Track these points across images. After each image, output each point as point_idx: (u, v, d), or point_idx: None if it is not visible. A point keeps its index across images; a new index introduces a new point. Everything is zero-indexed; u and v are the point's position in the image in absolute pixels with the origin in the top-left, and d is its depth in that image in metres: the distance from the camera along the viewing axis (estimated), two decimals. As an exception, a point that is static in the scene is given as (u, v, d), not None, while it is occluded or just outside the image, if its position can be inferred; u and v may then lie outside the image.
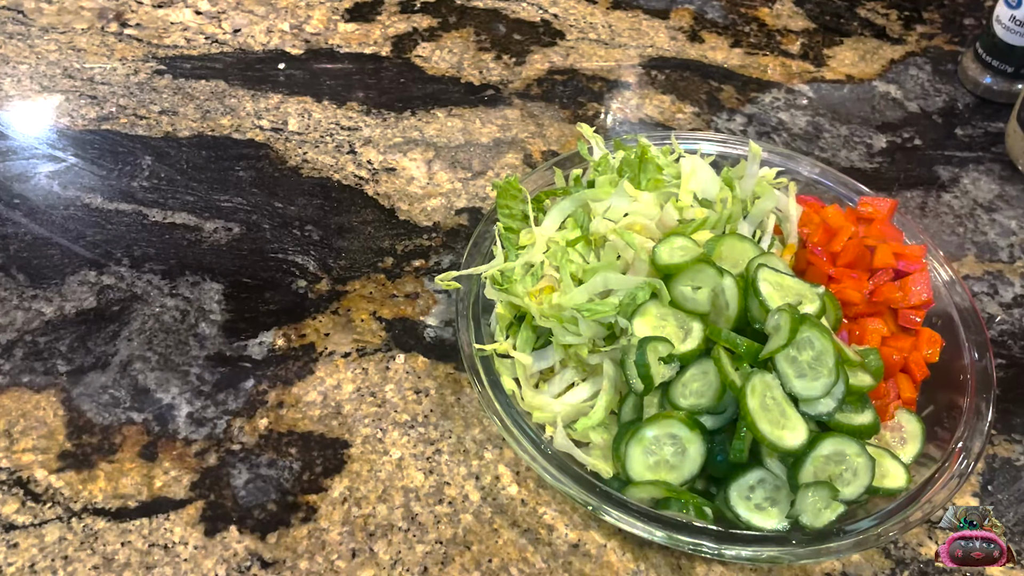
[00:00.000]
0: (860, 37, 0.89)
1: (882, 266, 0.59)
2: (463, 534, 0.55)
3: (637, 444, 0.50)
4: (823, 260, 0.59)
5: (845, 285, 0.58)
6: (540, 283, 0.56)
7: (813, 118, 0.81)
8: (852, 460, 0.50)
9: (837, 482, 0.49)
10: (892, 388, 0.56)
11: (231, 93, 0.81)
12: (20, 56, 0.83)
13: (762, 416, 0.48)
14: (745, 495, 0.50)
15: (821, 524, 0.49)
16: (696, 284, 0.53)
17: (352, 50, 0.85)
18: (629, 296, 0.53)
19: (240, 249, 0.69)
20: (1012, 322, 0.67)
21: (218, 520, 0.55)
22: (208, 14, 0.89)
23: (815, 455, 0.49)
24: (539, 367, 0.57)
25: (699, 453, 0.50)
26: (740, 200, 0.60)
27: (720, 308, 0.53)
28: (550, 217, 0.60)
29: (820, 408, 0.50)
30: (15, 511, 0.55)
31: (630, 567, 0.54)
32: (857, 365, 0.52)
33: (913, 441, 0.55)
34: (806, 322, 0.50)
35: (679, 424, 0.50)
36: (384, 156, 0.76)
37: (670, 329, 0.52)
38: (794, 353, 0.50)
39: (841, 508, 0.50)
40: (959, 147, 0.79)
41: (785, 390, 0.50)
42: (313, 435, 0.59)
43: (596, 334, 0.54)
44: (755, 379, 0.49)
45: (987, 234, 0.73)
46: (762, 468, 0.50)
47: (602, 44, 0.87)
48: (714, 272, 0.52)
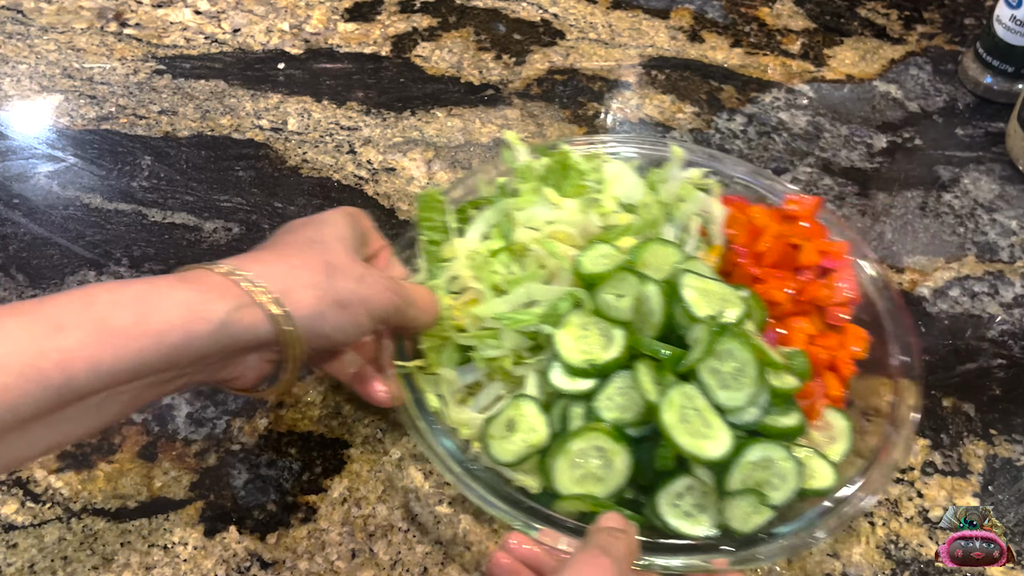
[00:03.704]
0: (860, 37, 0.89)
1: (807, 264, 0.58)
2: (463, 535, 0.55)
3: (563, 458, 0.49)
4: (748, 261, 0.58)
5: (771, 285, 0.57)
6: (463, 296, 0.56)
7: (813, 118, 0.81)
8: (779, 465, 0.49)
9: (765, 487, 0.49)
10: (820, 387, 0.55)
11: (231, 93, 0.80)
12: (20, 56, 0.83)
13: (681, 429, 0.48)
14: (673, 503, 0.49)
15: (750, 529, 0.49)
16: (619, 292, 0.52)
17: (352, 50, 0.85)
18: (551, 306, 0.53)
19: (240, 249, 0.68)
20: (1012, 322, 0.67)
21: (218, 520, 0.55)
22: (208, 14, 0.88)
23: (742, 462, 0.48)
24: (465, 382, 0.55)
25: (625, 465, 0.49)
26: (664, 204, 0.59)
27: (645, 316, 0.52)
28: (473, 228, 0.59)
29: (745, 417, 0.49)
30: (15, 511, 0.55)
31: (630, 567, 0.54)
32: (782, 368, 0.51)
33: (841, 439, 0.54)
34: (726, 333, 0.49)
35: (604, 437, 0.49)
36: (384, 156, 0.76)
37: (593, 338, 0.52)
38: (716, 364, 0.49)
39: (770, 512, 0.49)
40: (959, 147, 0.79)
41: (709, 401, 0.49)
42: (313, 435, 0.59)
43: (519, 345, 0.54)
44: (673, 393, 0.48)
45: (987, 234, 0.73)
46: (690, 475, 0.50)
47: (602, 44, 0.87)
48: (637, 280, 0.52)
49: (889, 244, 0.71)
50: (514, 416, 0.51)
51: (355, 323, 0.47)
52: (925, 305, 0.68)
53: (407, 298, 0.50)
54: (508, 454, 0.51)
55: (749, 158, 0.77)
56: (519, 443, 0.51)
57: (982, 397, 0.63)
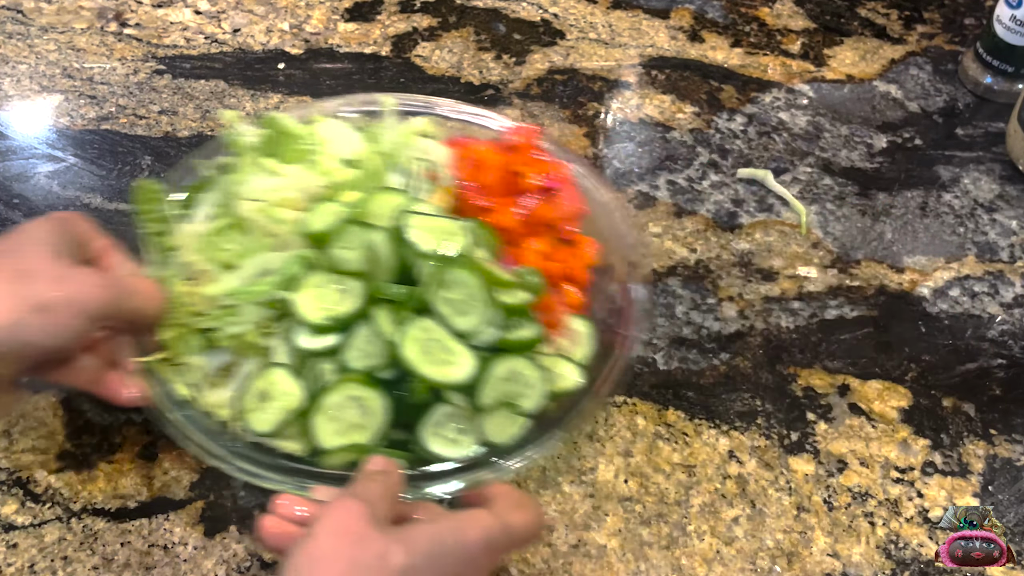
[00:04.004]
0: (860, 37, 0.89)
1: (532, 188, 0.61)
2: (463, 534, 0.55)
3: (320, 414, 0.50)
4: (476, 194, 0.60)
5: (500, 213, 0.59)
6: (197, 280, 0.55)
7: (813, 118, 0.81)
8: (525, 375, 0.52)
9: (516, 398, 0.52)
10: (559, 298, 0.58)
11: (231, 93, 0.80)
12: (19, 56, 0.83)
13: (424, 361, 0.50)
14: (435, 432, 0.51)
15: (510, 439, 0.52)
16: (348, 245, 0.53)
17: (352, 50, 0.85)
18: (284, 272, 0.54)
19: (240, 249, 0.69)
20: (1012, 322, 0.67)
21: (218, 520, 0.55)
22: (208, 14, 0.88)
23: (489, 380, 0.51)
24: (217, 365, 0.55)
25: (382, 408, 0.51)
26: (384, 154, 0.60)
27: (377, 263, 0.53)
28: (198, 211, 0.59)
29: (484, 337, 0.52)
30: (15, 511, 0.55)
31: (631, 567, 0.54)
32: (514, 286, 0.54)
33: (584, 342, 0.57)
34: (451, 263, 0.52)
35: (357, 386, 0.51)
36: (384, 156, 0.76)
37: (331, 295, 0.53)
38: (447, 294, 0.51)
39: (525, 421, 0.52)
40: (959, 147, 0.79)
41: (448, 329, 0.51)
42: (313, 435, 0.59)
43: (260, 317, 0.54)
44: (410, 329, 0.50)
45: (987, 234, 0.73)
46: (446, 403, 0.51)
47: (602, 44, 0.87)
48: (362, 230, 0.53)
49: (889, 244, 0.72)
50: (265, 386, 0.52)
51: (65, 325, 0.46)
52: (925, 305, 0.68)
53: (124, 290, 0.50)
54: (266, 424, 0.51)
55: (749, 158, 0.77)
56: (275, 411, 0.52)
57: (982, 397, 0.63)
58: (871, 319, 0.67)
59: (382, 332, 0.51)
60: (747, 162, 0.77)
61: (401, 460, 0.48)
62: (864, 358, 0.64)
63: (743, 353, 0.64)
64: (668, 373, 0.63)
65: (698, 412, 0.61)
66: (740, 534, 0.55)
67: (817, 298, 0.68)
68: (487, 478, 0.50)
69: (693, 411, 0.61)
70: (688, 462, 0.59)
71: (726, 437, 0.60)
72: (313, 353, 0.52)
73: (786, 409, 0.61)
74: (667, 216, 0.73)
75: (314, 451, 0.51)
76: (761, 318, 0.66)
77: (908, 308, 0.67)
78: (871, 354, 0.65)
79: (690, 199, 0.74)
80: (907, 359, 0.64)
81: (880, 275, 0.69)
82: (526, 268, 0.56)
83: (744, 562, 0.54)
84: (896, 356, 0.65)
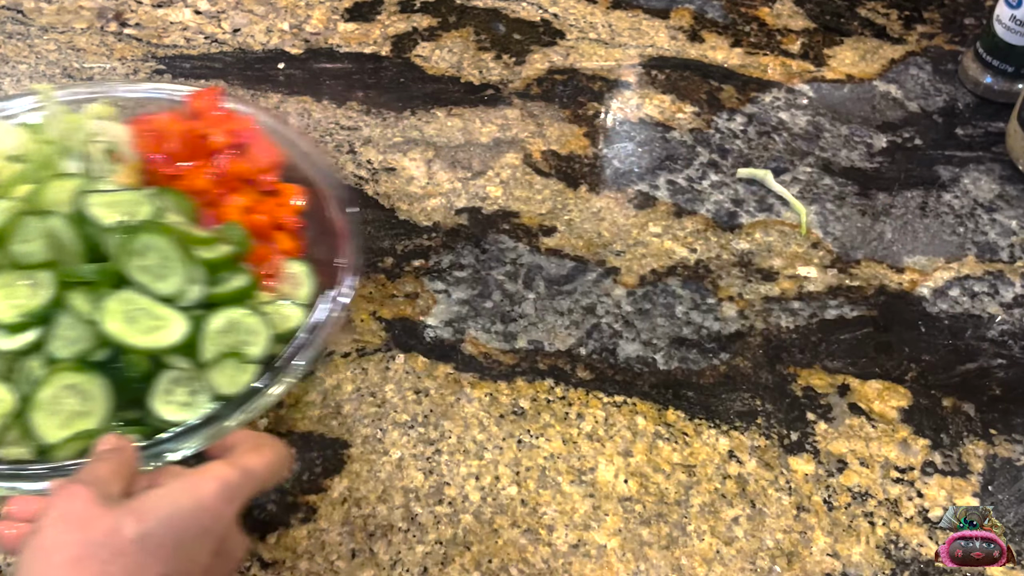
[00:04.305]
0: (860, 37, 0.89)
1: (220, 147, 0.63)
2: (463, 534, 0.55)
3: (37, 412, 0.49)
4: (163, 164, 0.61)
5: (191, 177, 0.61)
6: None
7: (813, 118, 0.81)
8: (245, 323, 0.53)
9: (242, 347, 0.52)
10: (272, 246, 0.60)
11: (231, 93, 0.80)
12: (20, 56, 0.83)
13: (131, 331, 0.50)
14: (166, 400, 0.51)
15: (243, 386, 0.52)
16: (27, 238, 0.53)
17: (352, 50, 0.85)
18: None
19: (240, 249, 0.69)
20: (1012, 322, 0.67)
21: (218, 520, 0.55)
22: (208, 14, 0.88)
23: (207, 334, 0.51)
24: None
25: (103, 389, 0.50)
26: (54, 143, 0.60)
27: (65, 248, 0.52)
28: None
29: (191, 296, 0.52)
30: (15, 511, 0.55)
31: (631, 567, 0.54)
32: (213, 241, 0.55)
33: (304, 282, 0.59)
34: (137, 231, 0.52)
35: (68, 374, 0.50)
36: (384, 156, 0.76)
37: (22, 290, 0.52)
38: (141, 262, 0.51)
39: (254, 367, 0.53)
40: (959, 147, 0.79)
41: (151, 296, 0.51)
42: (313, 435, 0.59)
43: None
44: (108, 303, 0.50)
45: (987, 234, 0.73)
46: (171, 368, 0.51)
47: (602, 44, 0.87)
48: (39, 219, 0.52)
49: (889, 244, 0.72)
50: None
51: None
52: (925, 305, 0.68)
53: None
54: None
55: (749, 158, 0.77)
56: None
57: (982, 397, 0.63)
58: (871, 319, 0.67)
59: (81, 314, 0.51)
60: (747, 162, 0.77)
61: (137, 435, 0.48)
62: (864, 358, 0.64)
63: (743, 353, 0.64)
64: (668, 373, 0.63)
65: (698, 412, 0.61)
66: (740, 534, 0.55)
67: (817, 298, 0.68)
68: (228, 428, 0.50)
69: (693, 411, 0.61)
70: (688, 462, 0.59)
71: (726, 437, 0.60)
72: (17, 353, 0.51)
73: (786, 409, 0.61)
74: (667, 216, 0.73)
75: (41, 450, 0.50)
76: (761, 318, 0.66)
77: (908, 308, 0.68)
78: (871, 354, 0.65)
79: (690, 199, 0.74)
80: (907, 359, 0.64)
81: (880, 275, 0.69)
82: (227, 224, 0.57)
83: (744, 562, 0.54)
84: (896, 356, 0.65)
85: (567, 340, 0.64)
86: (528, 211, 0.72)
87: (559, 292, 0.67)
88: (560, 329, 0.65)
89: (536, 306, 0.66)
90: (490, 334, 0.64)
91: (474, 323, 0.65)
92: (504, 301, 0.67)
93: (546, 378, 0.62)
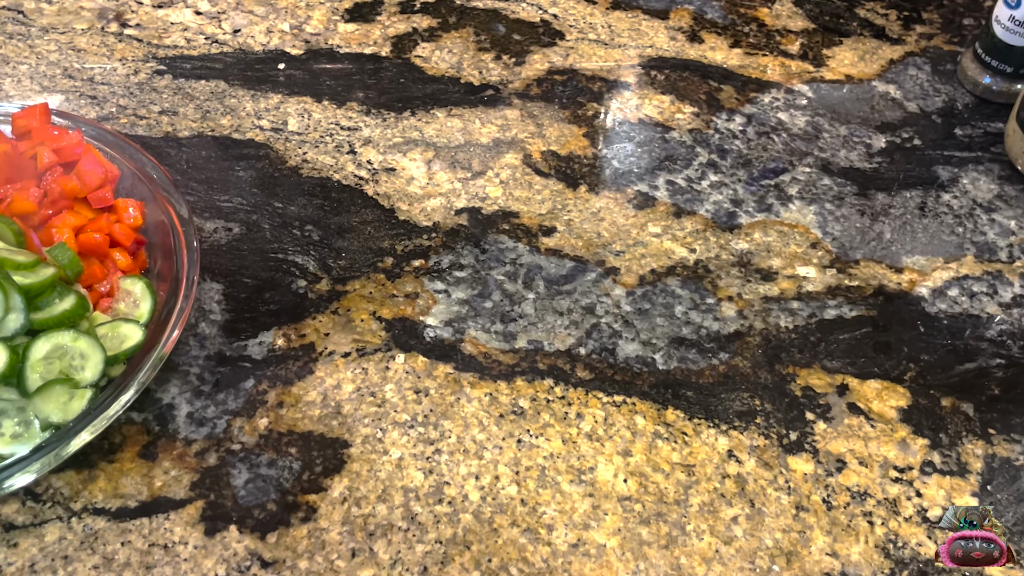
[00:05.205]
0: (859, 37, 0.89)
1: (49, 166, 0.62)
2: (463, 534, 0.55)
3: None
4: None
5: (16, 200, 0.60)
6: None
7: (813, 118, 0.81)
8: (74, 347, 0.51)
9: (73, 373, 0.50)
10: (110, 265, 0.59)
11: (231, 93, 0.81)
12: (20, 56, 0.83)
13: None
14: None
15: (76, 415, 0.50)
16: None
17: (352, 50, 0.86)
18: None
19: (240, 249, 0.69)
20: (1011, 322, 0.67)
21: (218, 520, 0.55)
22: (208, 14, 0.89)
23: (31, 363, 0.50)
24: None
25: None
26: None
27: None
28: None
29: (12, 325, 0.50)
30: (15, 511, 0.55)
31: (630, 566, 0.54)
32: (35, 265, 0.53)
33: (145, 299, 0.58)
34: None
35: None
36: (384, 156, 0.76)
37: None
38: None
39: (89, 392, 0.51)
40: (958, 147, 0.79)
41: None
42: (313, 435, 0.59)
43: None
44: None
45: (986, 234, 0.73)
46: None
47: (602, 44, 0.87)
48: None
49: (888, 244, 0.72)
50: None
51: None
52: (924, 305, 0.68)
53: None
54: None
55: (748, 158, 0.77)
56: None
57: (981, 397, 0.63)
58: (870, 319, 0.67)
59: None
60: (746, 162, 0.77)
61: None
62: (863, 358, 0.64)
63: (742, 353, 0.64)
64: (667, 373, 0.63)
65: (697, 412, 0.61)
66: (739, 533, 0.56)
67: (816, 298, 0.68)
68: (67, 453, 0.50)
69: (692, 411, 0.61)
70: (687, 462, 0.59)
71: (725, 437, 0.60)
72: None
73: (785, 409, 0.61)
74: (666, 216, 0.73)
75: None
76: (760, 318, 0.66)
77: (907, 308, 0.68)
78: (870, 354, 0.65)
79: (689, 199, 0.74)
80: (906, 359, 0.65)
81: (879, 275, 0.70)
82: (55, 245, 0.56)
83: (743, 561, 0.54)
84: (895, 356, 0.65)
85: (567, 340, 0.64)
86: (528, 211, 0.73)
87: (559, 292, 0.67)
88: (560, 329, 0.65)
89: (536, 306, 0.66)
90: (490, 334, 0.65)
91: (474, 323, 0.65)
92: (504, 301, 0.67)
93: (546, 378, 0.62)
